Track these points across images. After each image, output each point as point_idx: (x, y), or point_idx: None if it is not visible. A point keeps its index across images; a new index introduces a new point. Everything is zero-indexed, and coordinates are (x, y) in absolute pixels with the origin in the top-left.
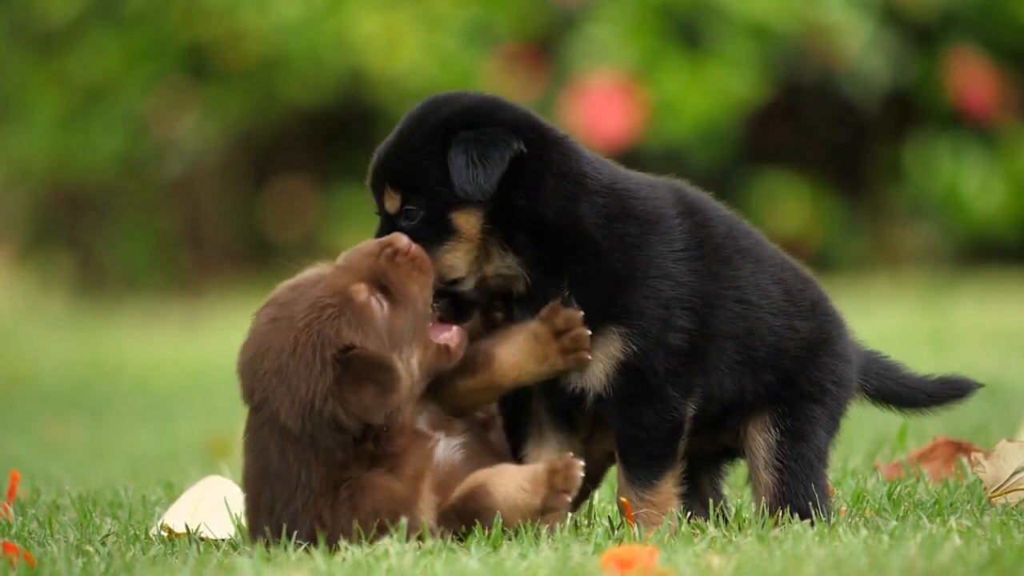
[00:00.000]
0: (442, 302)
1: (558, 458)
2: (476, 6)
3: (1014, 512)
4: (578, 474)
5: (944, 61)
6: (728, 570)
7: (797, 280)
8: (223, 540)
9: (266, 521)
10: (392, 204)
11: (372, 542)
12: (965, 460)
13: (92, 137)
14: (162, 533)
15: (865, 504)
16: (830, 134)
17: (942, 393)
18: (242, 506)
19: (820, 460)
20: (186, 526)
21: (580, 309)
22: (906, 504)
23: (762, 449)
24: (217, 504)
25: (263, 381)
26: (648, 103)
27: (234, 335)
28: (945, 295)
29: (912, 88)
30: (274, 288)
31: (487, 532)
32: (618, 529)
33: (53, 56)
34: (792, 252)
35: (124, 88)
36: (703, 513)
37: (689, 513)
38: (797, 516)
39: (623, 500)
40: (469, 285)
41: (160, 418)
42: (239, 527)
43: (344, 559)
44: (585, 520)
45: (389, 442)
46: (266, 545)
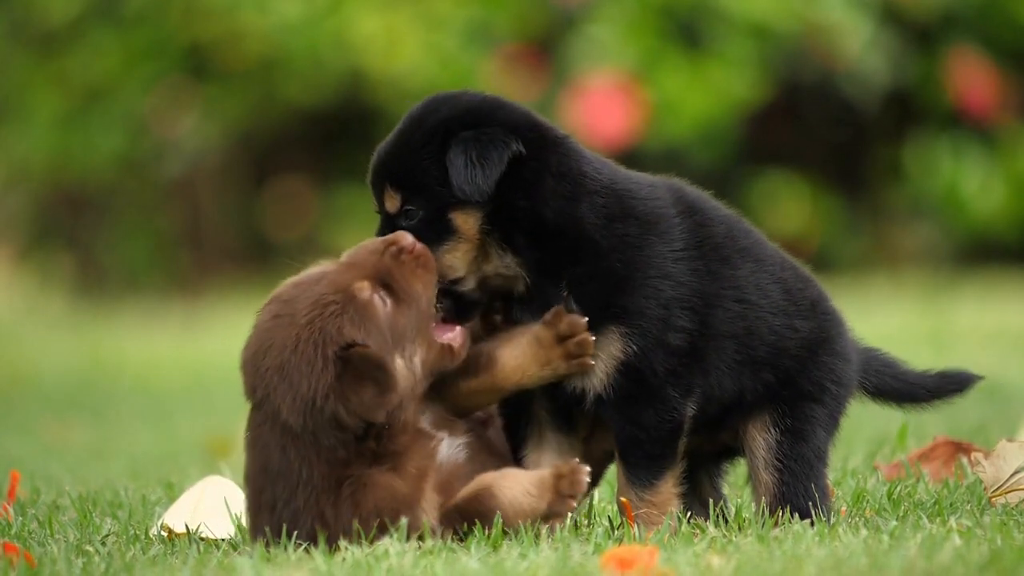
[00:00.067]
0: (444, 302)
1: (564, 463)
2: (476, 6)
3: (1014, 512)
4: (584, 480)
5: (944, 61)
6: (728, 570)
7: (797, 279)
8: (223, 540)
9: (267, 519)
10: (392, 204)
11: (372, 542)
12: (965, 460)
13: (92, 137)
14: (162, 533)
15: (865, 504)
16: (830, 134)
17: (942, 388)
18: (243, 505)
19: (820, 460)
20: (186, 526)
21: (579, 310)
22: (906, 504)
23: (762, 449)
24: (217, 504)
25: (265, 378)
26: (648, 103)
27: (234, 335)
28: (945, 295)
29: (912, 88)
30: (275, 287)
31: (487, 532)
32: (618, 529)
33: (53, 56)
34: (792, 252)
35: (124, 88)
36: (703, 512)
37: (689, 513)
38: (797, 516)
39: (623, 500)
40: (470, 285)
41: (160, 418)
42: (239, 527)
43: (344, 559)
44: (585, 520)
45: (391, 440)
46: (266, 545)
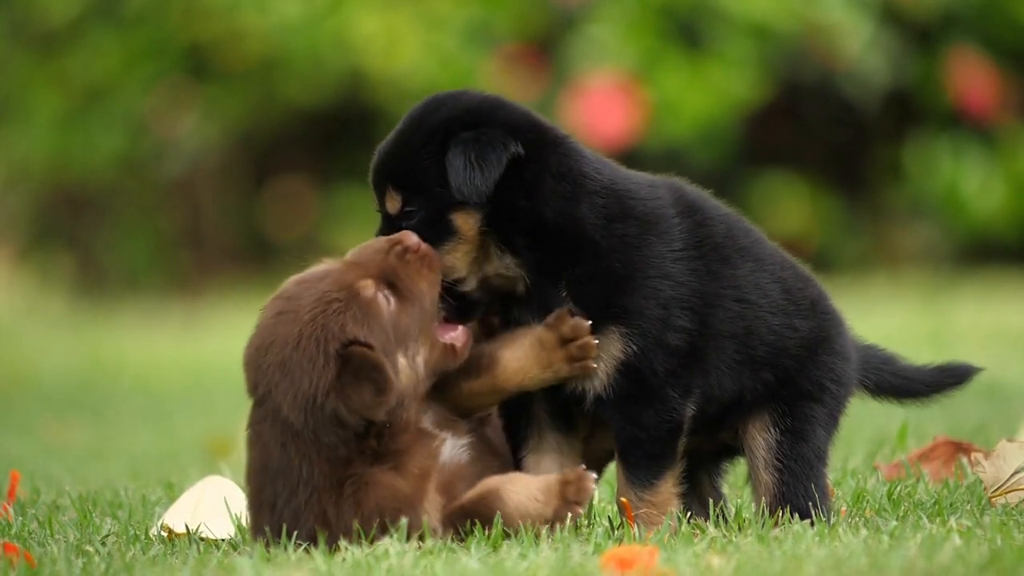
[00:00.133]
0: (446, 302)
1: (571, 470)
2: (476, 6)
3: (1014, 512)
4: (590, 487)
5: (944, 61)
6: (728, 570)
7: (797, 279)
8: (223, 540)
9: (268, 518)
10: (393, 205)
11: (372, 542)
12: (965, 460)
13: (92, 137)
14: (162, 533)
15: (865, 504)
16: (830, 134)
17: (941, 381)
18: (243, 505)
19: (820, 459)
20: (186, 526)
21: (578, 310)
22: (906, 504)
23: (762, 449)
24: (217, 504)
25: (266, 374)
26: (648, 103)
27: (234, 335)
28: (945, 295)
29: (912, 88)
30: (276, 286)
31: (487, 532)
32: (618, 529)
33: (53, 56)
34: (792, 252)
35: (124, 88)
36: (702, 512)
37: (689, 513)
38: (797, 516)
39: (623, 500)
40: (471, 285)
41: (160, 418)
42: (239, 527)
43: (344, 559)
44: (585, 520)
45: (393, 439)
46: (266, 545)
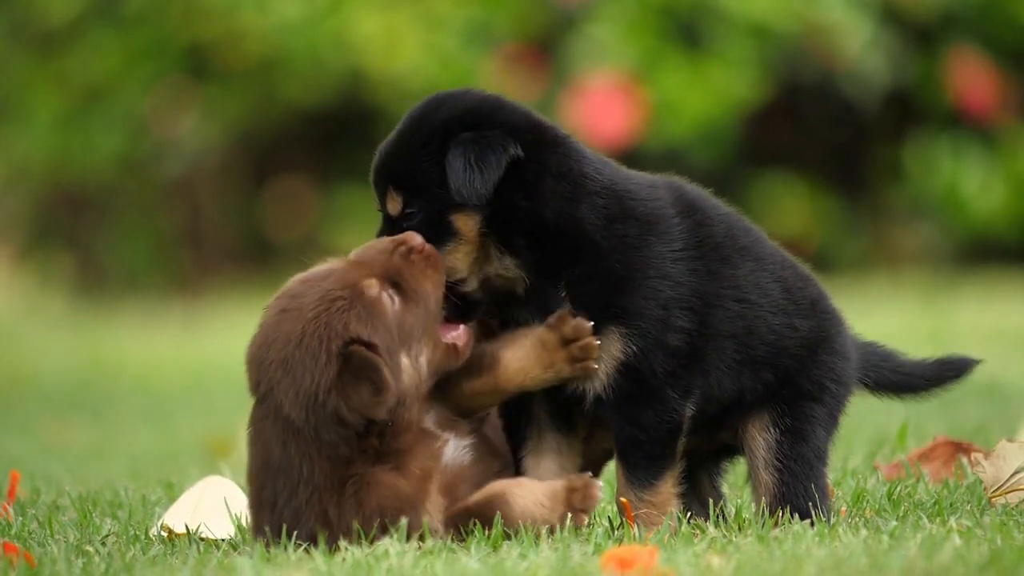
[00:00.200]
0: (448, 301)
1: (577, 477)
2: (476, 6)
3: (1014, 512)
4: (597, 495)
5: (944, 61)
6: (728, 570)
7: (797, 278)
8: (223, 540)
9: (268, 517)
10: (394, 206)
11: (372, 542)
12: (965, 460)
13: (92, 137)
14: (162, 533)
15: (865, 504)
16: (830, 134)
17: (940, 375)
18: (243, 505)
19: (820, 459)
20: (186, 526)
21: (577, 311)
22: (906, 504)
23: (762, 449)
24: (217, 504)
25: (268, 371)
26: (648, 103)
27: (234, 335)
28: (945, 295)
29: (912, 88)
30: (275, 286)
31: (487, 532)
32: (618, 529)
33: (53, 56)
34: (792, 252)
35: (124, 88)
36: (702, 512)
37: (689, 513)
38: (797, 516)
39: (623, 500)
40: (472, 285)
41: (160, 418)
42: (239, 527)
43: (344, 559)
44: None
45: (395, 439)
46: (266, 545)
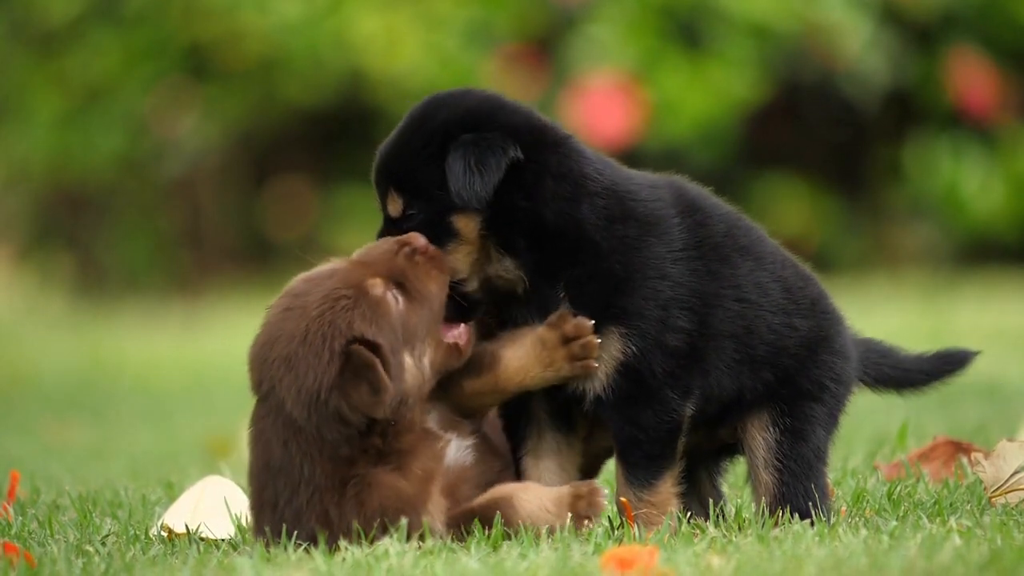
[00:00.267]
0: (449, 301)
1: (583, 483)
2: (476, 6)
3: (1014, 512)
4: (602, 503)
5: (944, 61)
6: (728, 570)
7: (797, 278)
8: (223, 540)
9: (269, 517)
10: (395, 207)
11: (372, 542)
12: (965, 460)
13: (92, 137)
14: (162, 533)
15: (865, 504)
16: (830, 134)
17: (939, 369)
18: (243, 505)
19: (820, 459)
20: (186, 526)
21: (577, 311)
22: (906, 504)
23: (761, 448)
24: (217, 504)
25: (271, 369)
26: (648, 103)
27: (234, 335)
28: (945, 295)
29: (912, 88)
30: (275, 286)
31: (487, 532)
32: (618, 529)
33: (53, 56)
34: (792, 252)
35: (124, 88)
36: (702, 511)
37: (689, 513)
38: (797, 516)
39: (623, 500)
40: (473, 286)
41: (160, 418)
42: (239, 527)
43: (344, 559)
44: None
45: (397, 439)
46: (266, 545)
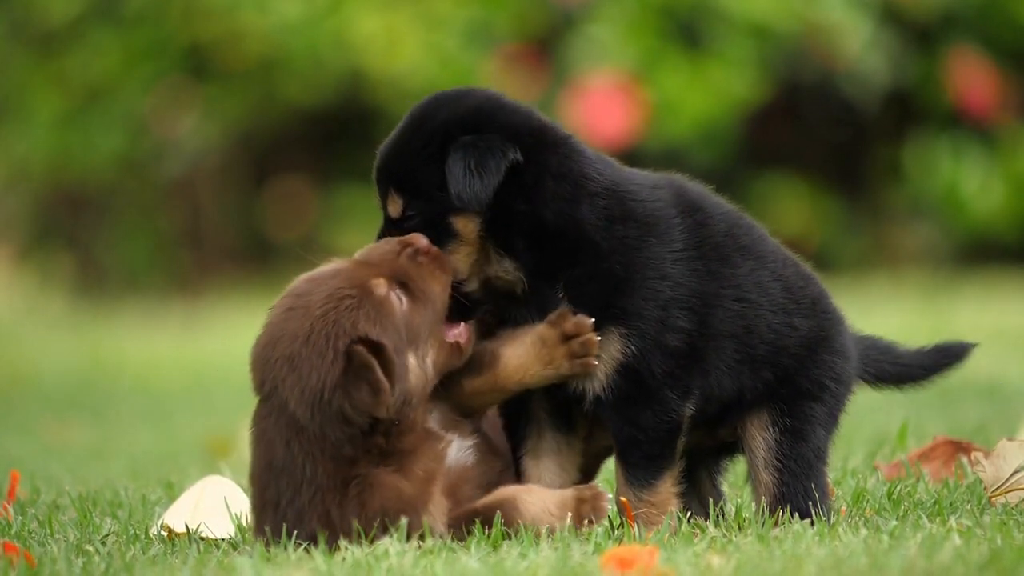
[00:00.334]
0: (449, 301)
1: (587, 487)
2: (476, 6)
3: (1014, 512)
4: (605, 506)
5: (944, 61)
6: (728, 570)
7: (798, 277)
8: (223, 540)
9: (271, 517)
10: (395, 208)
11: (372, 541)
12: (965, 460)
13: (92, 137)
14: (162, 533)
15: (865, 504)
16: (830, 134)
17: (939, 362)
18: (243, 505)
19: (820, 459)
20: (186, 526)
21: (576, 311)
22: (906, 504)
23: (761, 448)
24: (217, 504)
25: (274, 369)
26: (648, 103)
27: (234, 335)
28: (945, 295)
29: (912, 88)
30: (275, 286)
31: (487, 532)
32: (618, 529)
33: (53, 56)
34: (792, 252)
35: (124, 88)
36: (702, 511)
37: (689, 512)
38: (797, 516)
39: (622, 500)
40: (473, 286)
41: (160, 418)
42: (239, 527)
43: (344, 559)
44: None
45: (399, 439)
46: (266, 544)
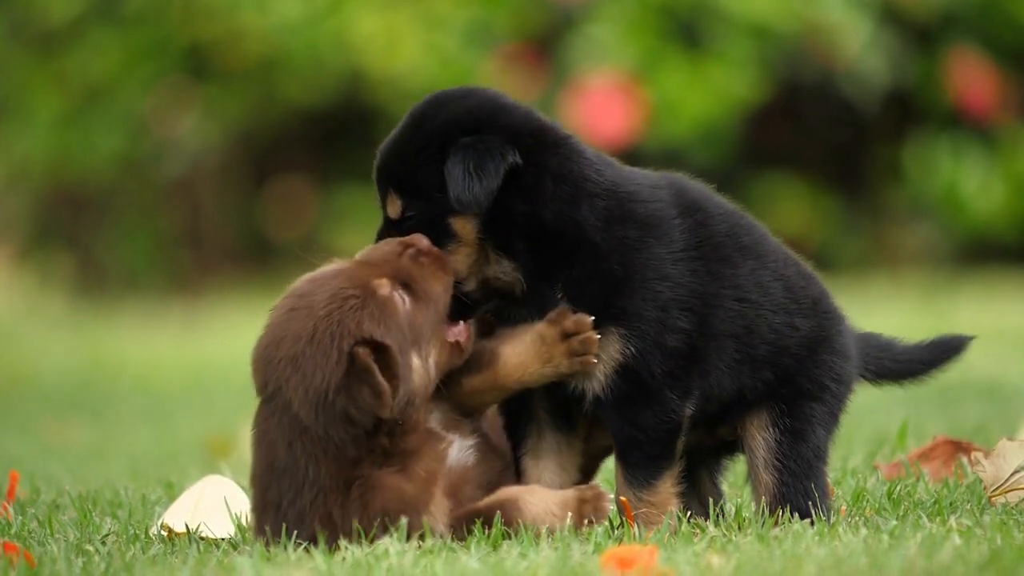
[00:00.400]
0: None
1: (588, 488)
2: (476, 6)
3: (1014, 512)
4: (607, 506)
5: (944, 61)
6: (728, 570)
7: (799, 276)
8: (223, 540)
9: (272, 518)
10: (394, 209)
11: (372, 541)
12: (965, 460)
13: (92, 137)
14: (162, 533)
15: (865, 504)
16: (830, 134)
17: (938, 357)
18: (244, 505)
19: (820, 459)
20: (186, 526)
21: (575, 312)
22: (906, 504)
23: (761, 448)
24: (217, 504)
25: (277, 369)
26: (648, 103)
27: (234, 335)
28: (945, 295)
29: (912, 88)
30: (276, 286)
31: (487, 532)
32: (618, 529)
33: (53, 56)
34: (793, 251)
35: (124, 88)
36: (702, 510)
37: (689, 512)
38: (797, 515)
39: (622, 500)
40: (472, 286)
41: (160, 418)
42: (239, 527)
43: (344, 559)
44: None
45: (402, 439)
46: (266, 544)
